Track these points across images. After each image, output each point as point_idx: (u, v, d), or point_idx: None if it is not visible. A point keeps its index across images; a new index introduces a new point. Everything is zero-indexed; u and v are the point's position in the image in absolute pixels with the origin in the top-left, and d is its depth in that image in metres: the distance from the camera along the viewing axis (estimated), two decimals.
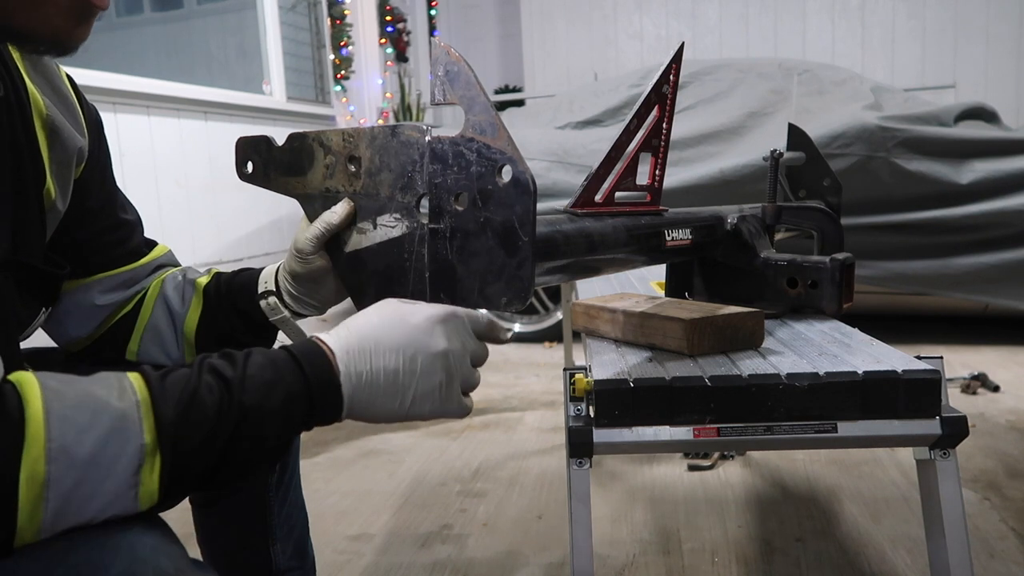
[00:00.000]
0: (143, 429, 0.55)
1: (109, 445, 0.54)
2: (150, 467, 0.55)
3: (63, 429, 0.52)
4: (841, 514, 1.70)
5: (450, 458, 2.12)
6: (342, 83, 4.94)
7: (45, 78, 0.83)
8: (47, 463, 0.51)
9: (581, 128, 3.43)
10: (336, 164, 0.79)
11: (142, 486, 0.55)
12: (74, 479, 0.52)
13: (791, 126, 1.27)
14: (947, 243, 2.75)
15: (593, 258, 0.79)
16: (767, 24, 5.09)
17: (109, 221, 0.94)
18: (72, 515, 0.53)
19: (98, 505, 0.54)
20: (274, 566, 1.04)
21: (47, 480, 0.51)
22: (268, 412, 0.60)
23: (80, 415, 0.53)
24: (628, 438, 0.80)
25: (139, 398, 0.56)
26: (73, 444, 0.52)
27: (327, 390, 0.63)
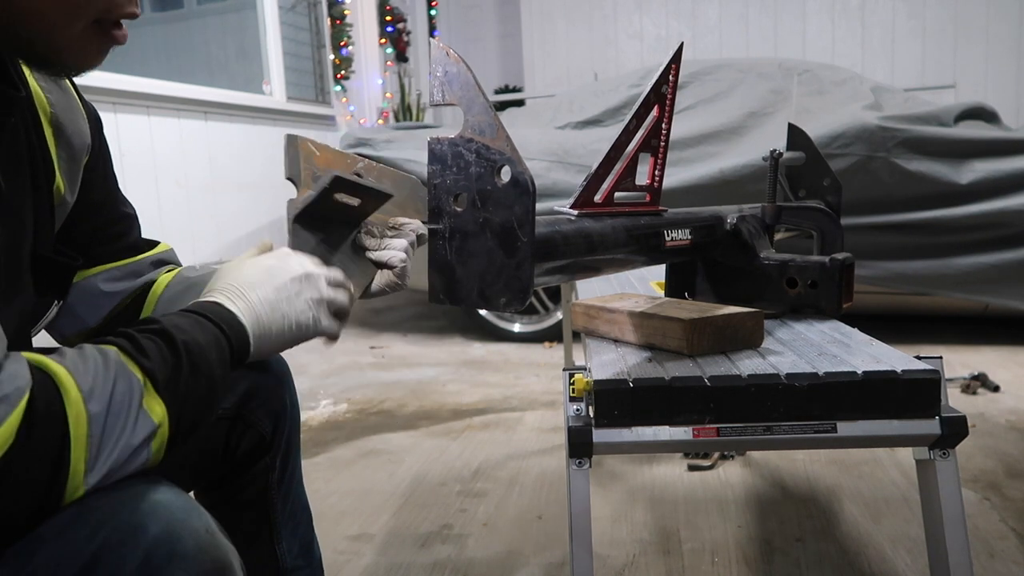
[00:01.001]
0: (132, 369, 0.62)
1: (118, 383, 0.61)
2: (150, 394, 0.63)
3: (83, 377, 0.59)
4: (841, 514, 1.70)
5: (450, 458, 2.12)
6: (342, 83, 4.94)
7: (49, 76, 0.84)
8: (85, 403, 0.58)
9: (581, 128, 3.44)
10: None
11: (151, 411, 0.62)
12: (105, 414, 0.59)
13: (791, 126, 1.27)
14: (947, 243, 2.76)
15: (593, 258, 0.79)
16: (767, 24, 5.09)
17: (112, 214, 0.96)
18: (109, 450, 0.59)
19: (127, 436, 0.60)
20: (281, 565, 1.04)
21: (89, 416, 0.58)
22: (202, 345, 0.68)
23: (87, 365, 0.60)
24: (628, 438, 0.80)
25: (115, 351, 0.64)
26: (95, 386, 0.59)
27: (234, 325, 0.73)
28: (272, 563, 1.04)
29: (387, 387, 2.89)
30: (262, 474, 1.02)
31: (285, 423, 1.03)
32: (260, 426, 1.00)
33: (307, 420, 2.50)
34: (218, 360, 0.69)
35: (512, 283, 0.64)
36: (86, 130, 0.89)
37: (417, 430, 2.38)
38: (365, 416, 2.55)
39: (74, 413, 0.57)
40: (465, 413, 2.54)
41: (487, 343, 3.56)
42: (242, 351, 0.74)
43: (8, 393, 0.54)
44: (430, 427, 2.41)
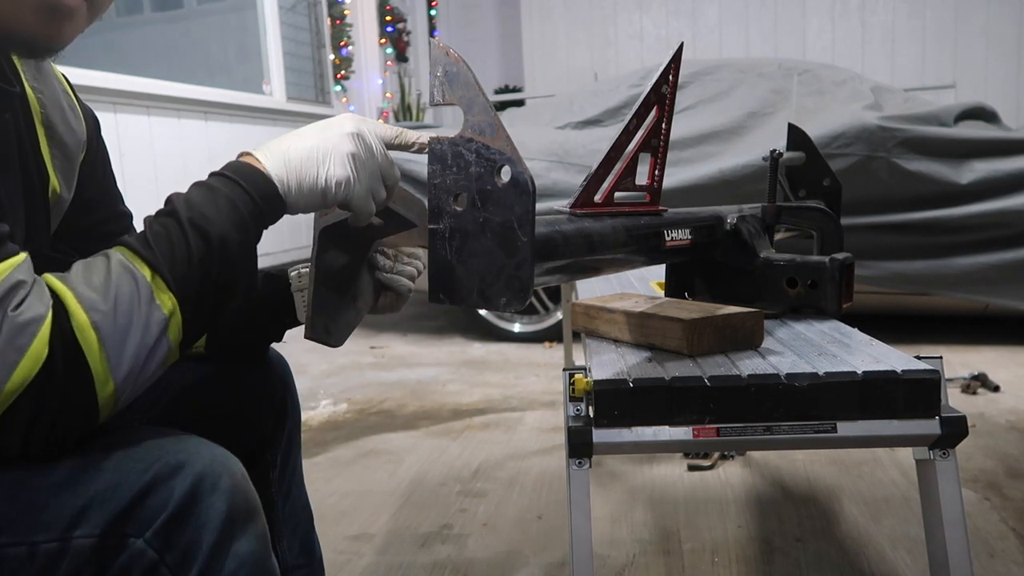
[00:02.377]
0: (138, 268, 0.66)
1: (122, 284, 0.65)
2: (159, 289, 0.67)
3: (78, 285, 0.64)
4: (841, 514, 1.70)
5: (450, 458, 2.12)
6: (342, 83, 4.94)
7: (42, 75, 0.84)
8: (87, 312, 0.63)
9: (581, 128, 3.43)
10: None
11: (163, 306, 0.67)
12: (112, 317, 0.64)
13: (791, 126, 1.27)
14: (947, 243, 2.75)
15: (592, 258, 0.79)
16: (767, 24, 5.09)
17: (108, 213, 0.96)
18: (129, 349, 0.64)
19: (140, 332, 0.65)
20: (281, 564, 1.04)
21: (94, 324, 0.63)
22: (216, 213, 0.70)
23: (88, 276, 0.65)
24: (628, 438, 0.80)
25: (120, 252, 0.68)
26: (97, 294, 0.64)
27: (255, 180, 0.73)
28: None
29: (387, 387, 2.89)
30: (263, 473, 1.02)
31: (286, 422, 1.03)
32: (261, 426, 1.00)
33: (307, 420, 2.50)
34: (236, 223, 0.70)
35: (512, 283, 0.64)
36: (81, 128, 0.88)
37: (417, 430, 2.38)
38: (365, 416, 2.55)
39: (78, 324, 0.62)
40: (465, 413, 2.54)
41: (487, 343, 3.56)
42: (273, 205, 0.74)
43: (40, 313, 0.61)
44: (430, 427, 2.41)
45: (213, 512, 0.64)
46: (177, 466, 0.64)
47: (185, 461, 0.65)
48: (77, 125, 0.88)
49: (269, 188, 0.74)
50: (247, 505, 0.67)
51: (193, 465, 0.65)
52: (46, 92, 0.84)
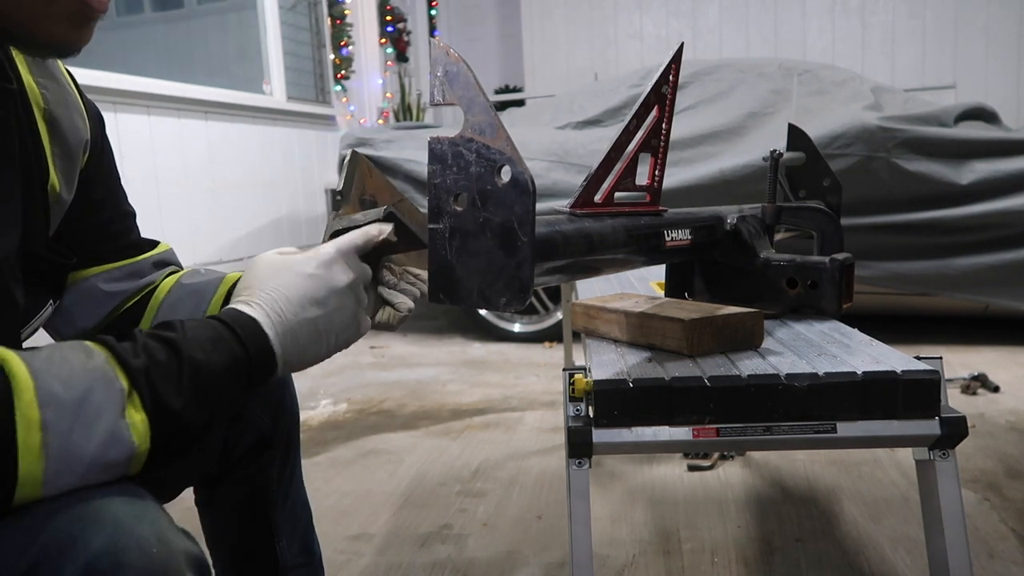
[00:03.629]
0: (118, 376, 0.59)
1: (94, 391, 0.57)
2: (134, 407, 0.59)
3: (48, 379, 0.55)
4: (841, 514, 1.70)
5: (450, 458, 2.12)
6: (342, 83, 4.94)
7: (46, 70, 0.84)
8: (40, 408, 0.54)
9: (581, 128, 3.43)
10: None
11: (132, 426, 0.58)
12: (69, 421, 0.55)
13: (791, 126, 1.27)
14: (947, 244, 2.75)
15: (593, 258, 0.79)
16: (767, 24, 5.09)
17: (113, 212, 0.95)
18: (73, 461, 0.55)
19: (95, 447, 0.56)
20: (280, 563, 1.04)
21: (43, 423, 0.54)
22: (215, 366, 0.64)
23: (60, 368, 0.56)
24: (627, 438, 0.80)
25: (104, 355, 0.60)
26: (61, 391, 0.55)
27: (262, 350, 0.69)
28: (272, 562, 1.04)
29: (387, 387, 2.89)
30: (261, 472, 1.02)
31: (284, 421, 1.03)
32: (259, 424, 1.00)
33: (307, 420, 2.50)
34: (229, 385, 0.66)
35: (512, 283, 0.64)
36: (84, 126, 0.87)
37: (417, 430, 2.38)
38: (365, 416, 2.55)
39: (24, 419, 0.53)
40: (465, 413, 2.54)
41: (487, 343, 3.56)
42: (264, 373, 0.70)
43: None
44: (430, 427, 2.41)
45: None
46: (67, 542, 0.52)
47: (78, 535, 0.53)
48: (81, 123, 0.87)
49: (268, 363, 0.70)
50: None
51: (89, 540, 0.52)
52: (51, 88, 0.83)
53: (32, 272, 0.79)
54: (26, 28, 0.68)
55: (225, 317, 0.69)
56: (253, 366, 0.68)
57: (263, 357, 0.69)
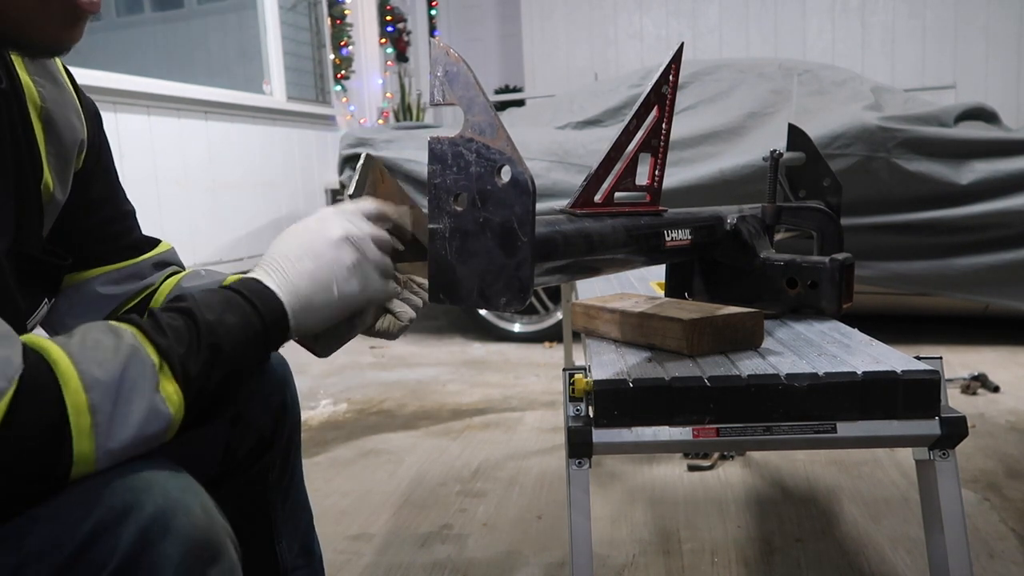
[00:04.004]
0: (148, 353, 0.62)
1: (129, 369, 0.60)
2: (166, 379, 0.62)
3: (87, 364, 0.59)
4: (841, 514, 1.70)
5: (450, 458, 2.12)
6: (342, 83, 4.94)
7: (43, 69, 0.83)
8: (86, 392, 0.58)
9: (581, 128, 3.43)
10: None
11: (167, 398, 0.62)
12: (112, 402, 0.59)
13: (791, 126, 1.27)
14: (947, 243, 2.75)
15: (592, 258, 0.79)
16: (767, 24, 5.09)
17: (112, 212, 0.95)
18: (119, 436, 0.59)
19: (137, 422, 0.60)
20: (281, 565, 1.04)
21: (91, 406, 0.58)
22: (229, 325, 0.67)
23: (95, 352, 0.60)
24: (627, 438, 0.80)
25: (132, 332, 0.63)
26: (101, 374, 0.59)
27: (268, 302, 0.71)
28: (272, 563, 1.04)
29: (387, 387, 2.89)
30: (262, 474, 1.02)
31: (286, 423, 1.03)
32: (260, 426, 1.00)
33: (307, 420, 2.50)
34: (247, 340, 0.68)
35: (512, 283, 0.64)
36: (80, 126, 0.87)
37: (417, 430, 2.38)
38: (365, 416, 2.55)
39: (73, 402, 0.57)
40: (465, 413, 2.54)
41: (487, 343, 3.56)
42: (280, 328, 0.72)
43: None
44: (430, 427, 2.41)
45: (166, 561, 0.57)
46: (123, 510, 0.57)
47: (132, 503, 0.58)
48: (78, 122, 0.86)
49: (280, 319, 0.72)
50: (208, 544, 0.60)
51: (142, 507, 0.58)
52: (47, 87, 0.83)
53: (26, 272, 0.79)
54: (17, 27, 0.68)
55: (231, 284, 0.72)
56: (265, 319, 0.70)
57: (272, 311, 0.71)
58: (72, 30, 0.72)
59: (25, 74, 0.80)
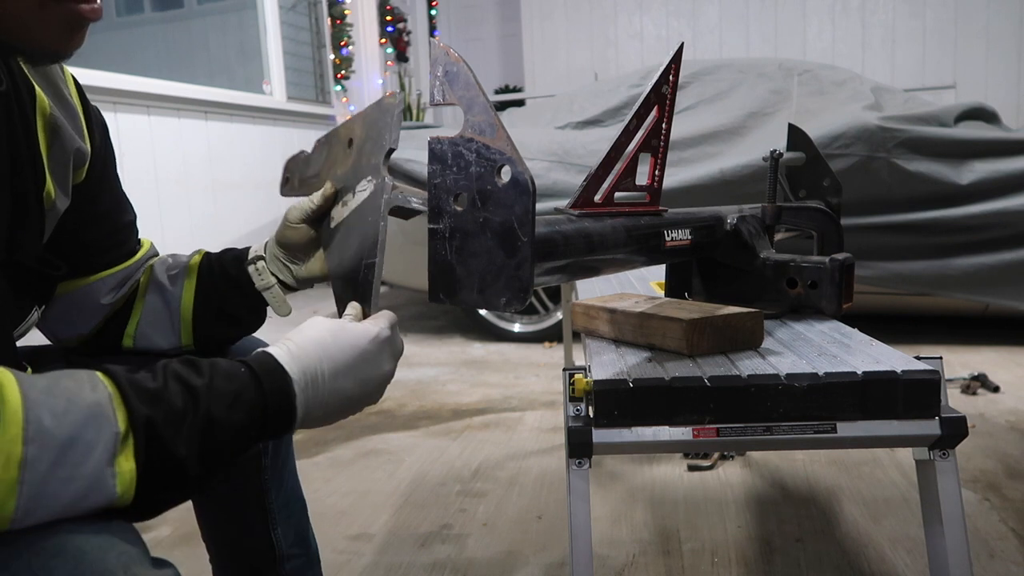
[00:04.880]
0: (116, 419, 0.56)
1: (86, 430, 0.54)
2: (125, 456, 0.55)
3: (40, 413, 0.52)
4: (841, 514, 1.70)
5: (450, 458, 2.12)
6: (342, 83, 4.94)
7: (47, 80, 0.84)
8: (24, 444, 0.51)
9: (581, 128, 3.43)
10: (338, 150, 0.83)
11: (118, 475, 0.55)
12: (51, 461, 0.52)
13: (791, 126, 1.27)
14: (947, 243, 2.75)
15: (592, 258, 0.79)
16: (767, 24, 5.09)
17: (115, 224, 0.96)
18: (48, 501, 0.52)
19: (75, 491, 0.53)
20: (277, 551, 1.05)
21: (24, 460, 0.51)
22: (231, 424, 0.62)
23: (56, 402, 0.54)
24: (627, 438, 0.80)
25: (110, 391, 0.57)
26: (52, 427, 0.52)
27: (282, 409, 0.66)
28: (269, 548, 1.05)
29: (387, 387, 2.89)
30: (254, 459, 1.03)
31: None
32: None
33: None
34: (240, 443, 0.63)
35: (512, 283, 0.64)
36: (83, 136, 0.87)
37: (417, 430, 2.38)
38: (365, 416, 2.55)
39: (4, 453, 0.50)
40: (465, 413, 2.54)
41: (487, 343, 3.56)
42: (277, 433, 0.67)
43: None
44: (430, 427, 2.41)
45: None
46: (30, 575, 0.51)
47: (38, 570, 0.51)
48: (80, 133, 0.87)
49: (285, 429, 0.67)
50: None
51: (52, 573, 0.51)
52: (51, 96, 0.83)
53: (18, 280, 0.79)
54: (16, 34, 0.68)
55: (258, 368, 0.66)
56: (267, 430, 0.65)
57: (281, 424, 0.66)
58: (73, 37, 0.71)
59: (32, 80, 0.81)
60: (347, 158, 0.84)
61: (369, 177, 0.79)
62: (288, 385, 0.66)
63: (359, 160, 0.81)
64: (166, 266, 0.98)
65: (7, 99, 0.76)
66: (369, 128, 0.80)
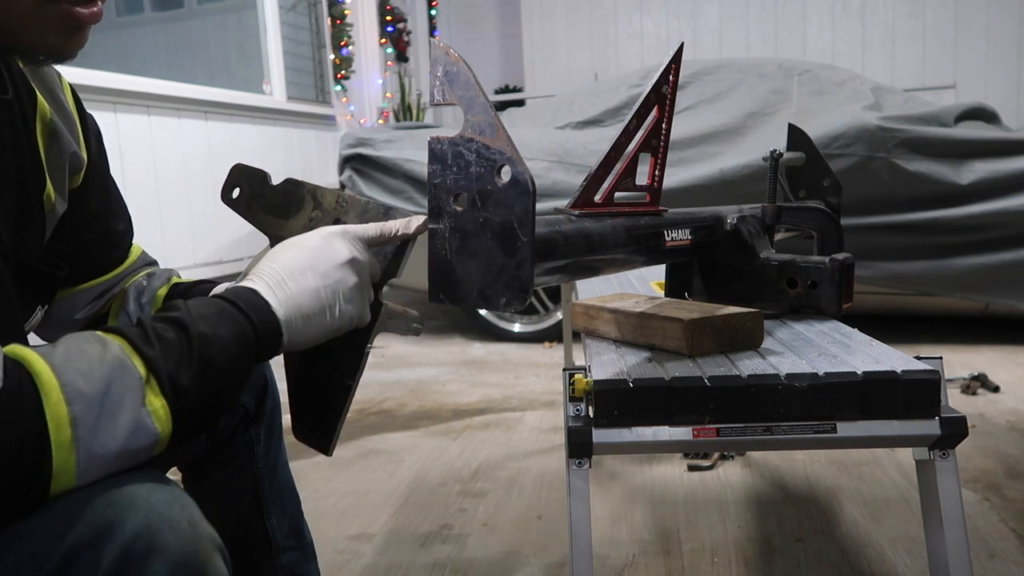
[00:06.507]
0: (135, 365, 0.60)
1: (114, 382, 0.58)
2: (153, 393, 0.60)
3: (70, 375, 0.57)
4: (841, 514, 1.70)
5: (450, 458, 2.12)
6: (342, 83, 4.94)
7: (45, 85, 0.84)
8: (68, 404, 0.55)
9: (581, 128, 3.43)
10: (321, 220, 0.82)
11: (153, 412, 0.60)
12: (95, 415, 0.57)
13: (791, 126, 1.27)
14: (947, 243, 2.76)
15: (592, 258, 0.79)
16: (767, 24, 5.09)
17: (102, 231, 0.97)
18: (102, 452, 0.57)
19: (121, 438, 0.58)
20: (273, 542, 1.05)
21: (72, 420, 0.55)
22: (223, 339, 0.65)
23: (80, 362, 0.58)
24: (627, 438, 0.80)
25: (119, 344, 0.61)
26: (83, 386, 0.57)
27: (265, 317, 0.69)
28: (264, 538, 1.05)
29: (387, 387, 2.89)
30: (247, 447, 1.04)
31: (267, 398, 1.05)
32: (243, 401, 1.02)
33: None
34: (239, 354, 0.67)
35: (512, 283, 0.64)
36: (79, 142, 0.88)
37: (417, 430, 2.38)
38: (365, 416, 2.55)
39: (54, 415, 0.55)
40: (465, 413, 2.54)
41: (487, 343, 3.56)
42: (273, 342, 0.70)
43: None
44: (430, 427, 2.41)
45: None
46: (105, 527, 0.55)
47: (114, 520, 0.55)
48: (76, 139, 0.88)
49: (274, 332, 0.70)
50: (196, 561, 0.57)
51: (123, 524, 0.55)
52: (49, 101, 0.84)
53: (23, 279, 0.80)
54: (14, 35, 0.68)
55: (227, 293, 0.70)
56: (259, 334, 0.69)
57: (268, 325, 0.69)
58: (72, 39, 0.71)
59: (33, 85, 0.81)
60: None
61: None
62: (256, 292, 0.70)
63: None
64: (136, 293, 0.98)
65: (11, 106, 0.77)
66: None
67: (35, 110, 0.80)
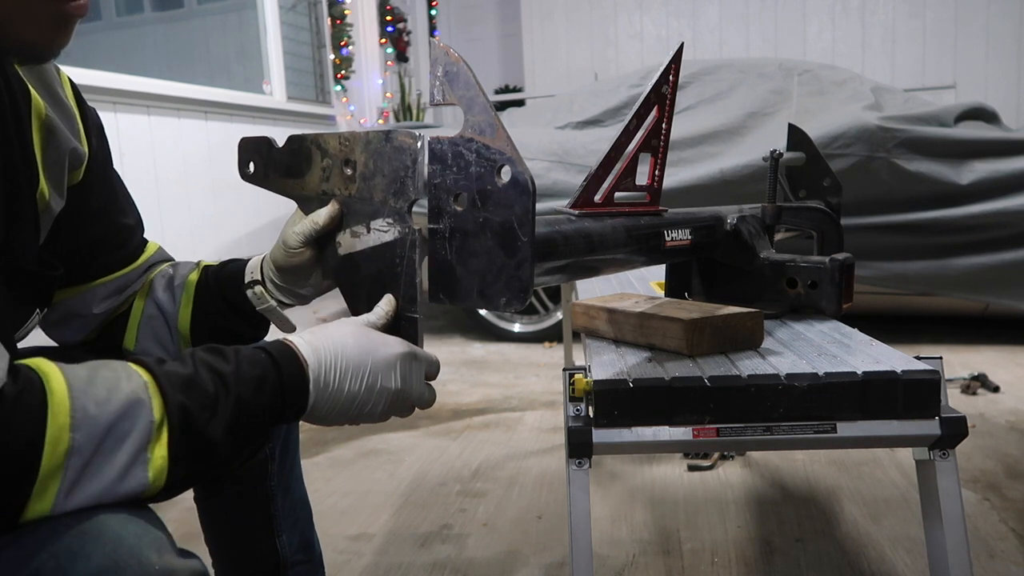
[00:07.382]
0: (152, 406, 0.58)
1: (125, 419, 0.56)
2: (159, 444, 0.58)
3: (85, 402, 0.55)
4: (841, 514, 1.70)
5: (450, 458, 2.12)
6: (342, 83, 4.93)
7: (42, 82, 0.83)
8: (72, 431, 0.54)
9: (581, 128, 3.43)
10: (333, 167, 0.81)
11: (151, 462, 0.57)
12: (93, 448, 0.55)
13: (791, 126, 1.27)
14: (947, 243, 2.75)
15: (592, 258, 0.79)
16: (767, 24, 5.09)
17: (113, 225, 0.95)
18: (85, 487, 0.55)
19: (110, 478, 0.56)
20: (281, 559, 1.05)
21: (71, 448, 0.54)
22: (258, 407, 0.65)
23: (98, 390, 0.56)
24: (627, 438, 0.80)
25: (145, 380, 0.59)
26: (95, 415, 0.55)
27: (298, 397, 0.68)
28: (272, 556, 1.04)
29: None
30: (260, 466, 1.03)
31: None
32: None
33: None
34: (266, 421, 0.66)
35: (512, 283, 0.64)
36: (79, 138, 0.87)
37: (417, 430, 2.38)
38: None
39: (54, 437, 0.53)
40: (465, 413, 2.54)
41: (487, 343, 3.56)
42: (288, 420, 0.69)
43: None
44: (430, 427, 2.41)
45: None
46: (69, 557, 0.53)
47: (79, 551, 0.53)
48: (76, 135, 0.86)
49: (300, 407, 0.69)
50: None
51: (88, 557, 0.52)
52: (45, 97, 0.82)
53: (17, 282, 0.78)
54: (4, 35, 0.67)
55: (277, 355, 0.68)
56: (285, 414, 0.68)
57: (296, 398, 0.68)
58: (59, 34, 0.70)
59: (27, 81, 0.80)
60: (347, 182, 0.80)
61: (390, 220, 0.76)
62: (304, 371, 0.68)
63: (369, 193, 0.77)
64: (164, 281, 0.97)
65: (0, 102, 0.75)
66: (376, 159, 0.76)
67: (29, 107, 0.79)
